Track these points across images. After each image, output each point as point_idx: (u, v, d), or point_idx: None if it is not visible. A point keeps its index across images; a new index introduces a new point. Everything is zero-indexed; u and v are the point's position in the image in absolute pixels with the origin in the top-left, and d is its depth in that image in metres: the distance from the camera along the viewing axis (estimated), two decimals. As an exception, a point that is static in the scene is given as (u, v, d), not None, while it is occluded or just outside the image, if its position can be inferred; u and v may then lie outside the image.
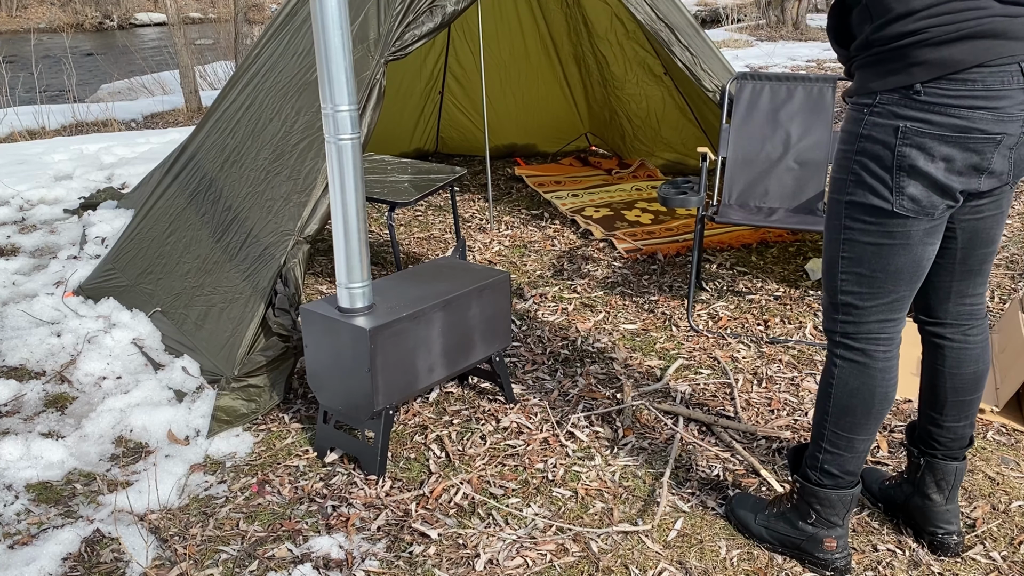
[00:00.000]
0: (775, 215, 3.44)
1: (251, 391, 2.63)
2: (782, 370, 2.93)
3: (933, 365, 1.96)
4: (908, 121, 1.59)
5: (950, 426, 1.96)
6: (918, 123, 1.58)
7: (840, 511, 1.92)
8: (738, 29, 14.08)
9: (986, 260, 1.85)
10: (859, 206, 1.70)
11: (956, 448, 1.99)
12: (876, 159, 1.64)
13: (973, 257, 1.84)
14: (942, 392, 1.94)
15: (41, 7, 18.98)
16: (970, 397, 1.94)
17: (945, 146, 1.59)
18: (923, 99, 1.57)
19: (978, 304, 1.90)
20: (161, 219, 3.43)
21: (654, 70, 4.82)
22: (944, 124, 1.57)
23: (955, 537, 2.01)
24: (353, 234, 2.24)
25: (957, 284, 1.87)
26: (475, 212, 4.70)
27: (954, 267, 1.84)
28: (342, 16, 2.08)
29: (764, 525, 2.04)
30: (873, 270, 1.73)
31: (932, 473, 2.00)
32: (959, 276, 1.86)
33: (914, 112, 1.58)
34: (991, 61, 1.52)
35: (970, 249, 1.82)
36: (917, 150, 1.60)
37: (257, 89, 3.36)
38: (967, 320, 1.91)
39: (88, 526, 2.15)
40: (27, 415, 2.68)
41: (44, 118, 7.59)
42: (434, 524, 2.16)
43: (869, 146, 1.65)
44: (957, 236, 1.81)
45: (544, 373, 2.93)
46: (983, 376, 1.93)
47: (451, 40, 5.43)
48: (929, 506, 2.02)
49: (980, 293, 1.90)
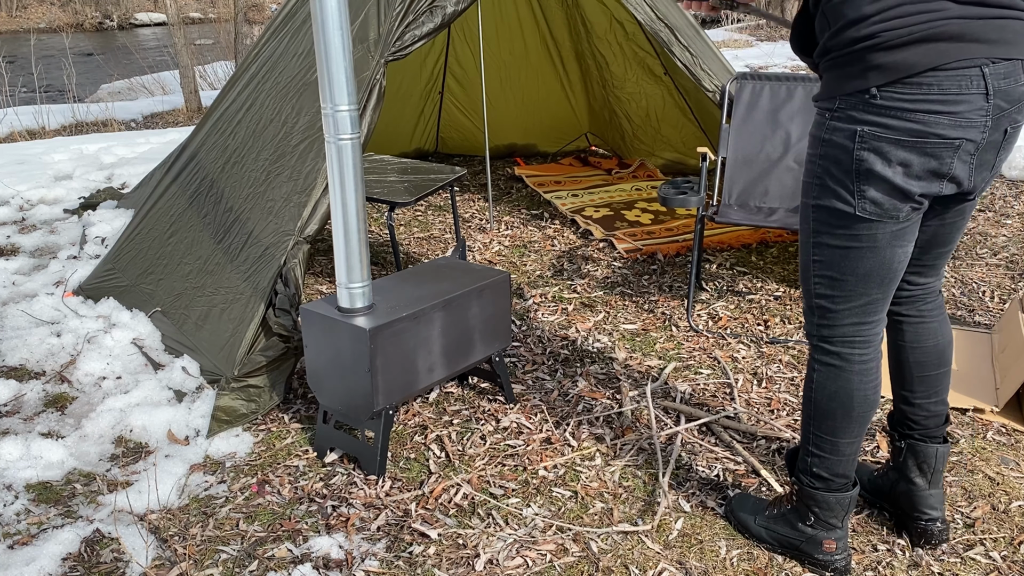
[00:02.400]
0: (775, 215, 3.44)
1: (251, 391, 2.63)
2: (782, 370, 2.93)
3: (895, 342, 1.99)
4: (866, 125, 1.58)
5: (920, 403, 1.99)
6: (875, 127, 1.58)
7: (838, 513, 1.92)
8: (738, 29, 14.08)
9: (941, 258, 1.89)
10: (825, 210, 1.71)
11: (932, 427, 2.01)
12: (837, 163, 1.65)
13: (929, 255, 1.87)
14: (907, 368, 1.98)
15: (41, 7, 18.97)
16: (935, 372, 1.96)
17: (902, 150, 1.58)
18: (879, 103, 1.56)
19: (930, 288, 1.94)
20: (162, 219, 3.43)
21: (654, 70, 4.82)
22: (900, 128, 1.56)
23: (939, 524, 2.02)
24: (353, 234, 2.24)
25: (909, 275, 1.90)
26: (475, 212, 4.70)
27: (911, 260, 1.88)
28: (342, 16, 2.08)
29: (764, 526, 2.05)
30: (843, 273, 1.74)
31: (914, 456, 2.02)
32: (912, 270, 1.89)
33: (871, 116, 1.57)
34: (946, 64, 1.50)
35: (927, 248, 1.86)
36: (874, 154, 1.60)
37: (257, 90, 3.36)
38: (921, 296, 1.94)
39: (88, 526, 2.15)
40: (27, 415, 2.68)
41: (44, 118, 7.60)
42: (434, 524, 2.16)
43: (831, 150, 1.65)
44: (917, 237, 1.83)
45: (544, 373, 2.93)
46: (945, 349, 1.96)
47: (451, 40, 5.43)
48: (913, 490, 2.04)
49: (932, 280, 1.93)
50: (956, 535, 2.10)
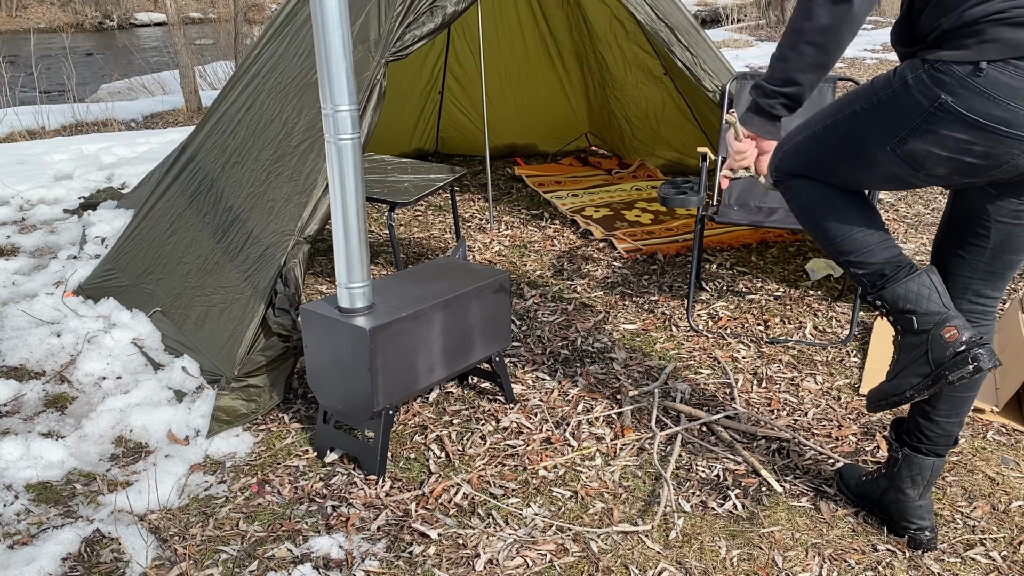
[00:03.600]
0: (775, 215, 3.44)
1: (251, 391, 2.63)
2: (782, 370, 2.93)
3: None
4: (953, 96, 1.57)
5: (940, 421, 1.95)
6: (960, 102, 1.56)
7: (929, 295, 1.77)
8: (738, 29, 14.08)
9: (1011, 266, 1.82)
10: (856, 119, 1.73)
11: (942, 445, 1.98)
12: (903, 108, 1.64)
13: (1000, 260, 1.81)
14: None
15: (41, 7, 18.97)
16: (966, 394, 1.93)
17: (973, 131, 1.57)
18: (981, 79, 1.54)
19: (992, 306, 1.88)
20: (161, 219, 3.43)
21: (653, 71, 4.82)
22: (985, 113, 1.55)
23: (927, 533, 2.02)
24: (353, 234, 2.24)
25: (976, 283, 1.85)
26: (475, 212, 4.70)
27: (979, 265, 1.82)
28: (342, 16, 2.08)
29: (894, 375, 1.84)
30: (824, 159, 1.80)
31: (908, 468, 2.01)
32: (981, 275, 1.83)
33: (964, 91, 1.56)
34: None
35: (1000, 252, 1.80)
36: (943, 123, 1.59)
37: (258, 90, 3.36)
38: (977, 318, 1.89)
39: (88, 526, 2.15)
40: (27, 415, 2.68)
41: (44, 118, 7.59)
42: (434, 524, 2.16)
43: (904, 95, 1.64)
44: (991, 236, 1.78)
45: (544, 373, 2.93)
46: (984, 376, 1.93)
47: (451, 40, 5.43)
48: (903, 501, 2.03)
49: (997, 297, 1.87)
50: (956, 535, 2.11)
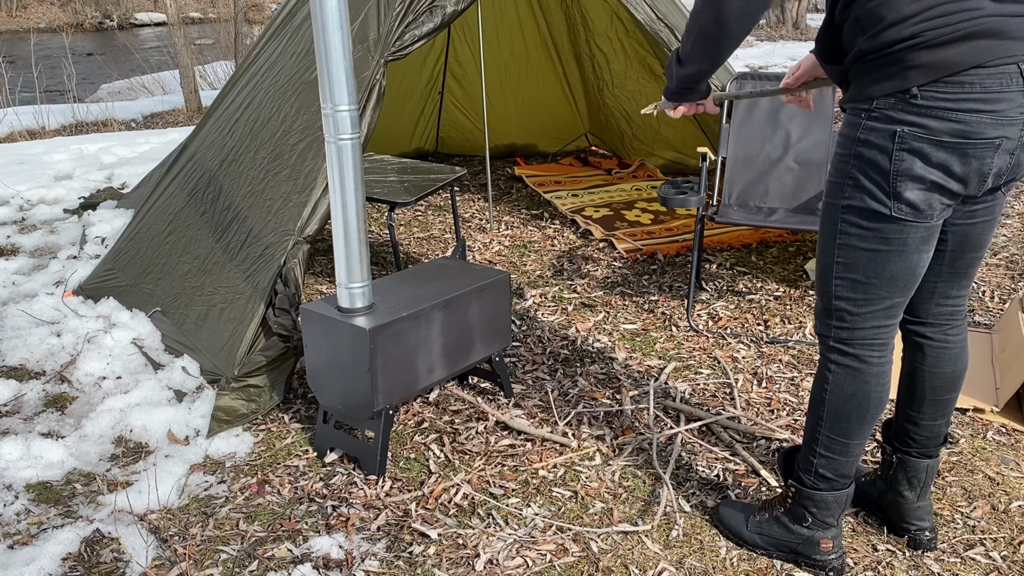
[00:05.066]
0: (775, 215, 3.44)
1: (251, 391, 2.63)
2: (782, 370, 2.93)
3: (913, 363, 1.96)
4: (906, 126, 1.57)
5: (926, 424, 1.97)
6: (915, 128, 1.56)
7: (835, 511, 1.92)
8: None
9: (973, 264, 1.85)
10: (856, 210, 1.69)
11: (931, 446, 2.00)
12: (873, 164, 1.63)
13: (961, 260, 1.83)
14: (920, 390, 1.96)
15: (41, 7, 18.98)
16: (947, 396, 1.95)
17: (943, 151, 1.57)
18: (920, 103, 1.55)
19: (960, 305, 1.91)
20: (161, 219, 3.43)
21: (654, 69, 4.82)
22: (941, 129, 1.55)
23: (927, 534, 2.03)
24: (353, 234, 2.24)
25: (942, 286, 1.87)
26: (475, 212, 4.70)
27: (941, 268, 1.84)
28: (342, 16, 2.08)
29: (757, 531, 2.03)
30: (868, 276, 1.72)
31: (904, 470, 2.02)
32: (945, 278, 1.86)
33: (911, 117, 1.56)
34: (988, 62, 1.50)
35: (959, 252, 1.82)
36: (914, 155, 1.59)
37: (257, 89, 3.36)
38: (948, 320, 1.91)
39: (88, 526, 2.15)
40: (27, 415, 2.68)
41: (44, 118, 7.60)
42: (434, 524, 2.16)
43: (866, 151, 1.64)
44: (948, 239, 1.80)
45: (544, 373, 2.93)
46: (961, 376, 1.95)
47: (451, 40, 5.43)
48: (901, 503, 2.04)
49: (963, 295, 1.90)
50: (956, 535, 2.11)
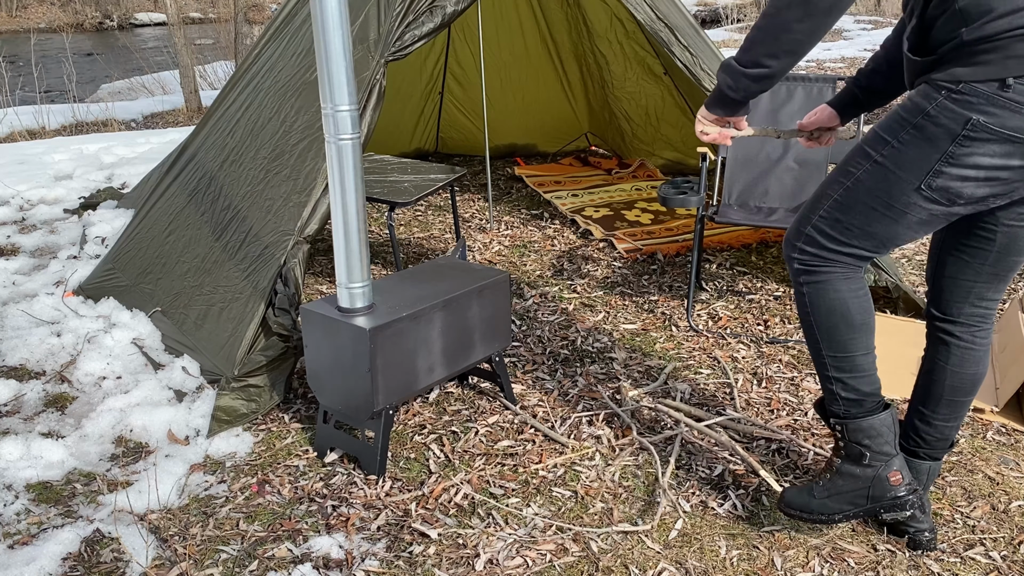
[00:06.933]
0: (775, 215, 3.44)
1: (251, 391, 2.63)
2: (782, 370, 2.93)
3: (935, 361, 1.95)
4: (983, 116, 1.56)
5: (939, 424, 1.96)
6: (992, 119, 1.55)
7: (887, 436, 1.86)
8: (738, 29, 14.07)
9: (1014, 268, 1.82)
10: (884, 169, 1.67)
11: (939, 448, 1.99)
12: (931, 140, 1.62)
13: (1004, 263, 1.81)
14: (939, 388, 1.94)
15: (41, 7, 18.97)
16: (964, 399, 1.94)
17: (1009, 145, 1.56)
18: (1009, 95, 1.53)
19: (992, 308, 1.89)
20: (161, 219, 3.43)
21: (654, 69, 4.82)
22: (1017, 127, 1.54)
23: (927, 534, 2.02)
24: (353, 234, 2.24)
25: (980, 287, 1.85)
26: (475, 212, 4.70)
27: (983, 268, 1.82)
28: (342, 16, 2.08)
29: (827, 494, 1.95)
30: (851, 223, 1.72)
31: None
32: (984, 279, 1.83)
33: (993, 108, 1.55)
34: None
35: (1004, 254, 1.80)
36: (978, 143, 1.57)
37: (257, 89, 3.36)
38: (979, 322, 1.89)
39: (88, 526, 2.15)
40: (27, 415, 2.68)
41: (44, 118, 7.59)
42: (434, 524, 2.16)
43: (930, 126, 1.62)
44: (995, 239, 1.78)
45: (544, 373, 2.93)
46: (980, 380, 1.94)
47: (451, 40, 5.43)
48: None
49: (998, 299, 1.88)
50: (956, 535, 2.11)
